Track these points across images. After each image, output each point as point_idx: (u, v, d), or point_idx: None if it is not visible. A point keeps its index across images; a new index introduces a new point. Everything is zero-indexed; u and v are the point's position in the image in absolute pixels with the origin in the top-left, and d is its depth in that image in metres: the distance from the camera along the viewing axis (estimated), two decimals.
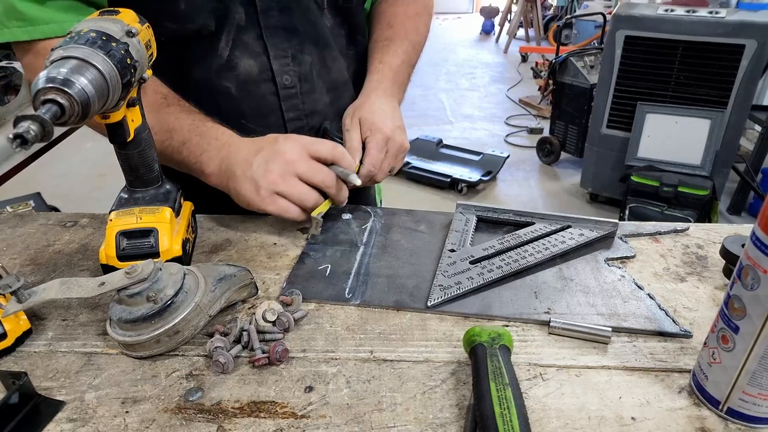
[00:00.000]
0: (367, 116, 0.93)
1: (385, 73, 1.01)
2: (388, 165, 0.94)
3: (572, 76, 3.86)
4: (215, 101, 0.92)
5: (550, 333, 0.66)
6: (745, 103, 2.91)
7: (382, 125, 0.92)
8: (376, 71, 1.01)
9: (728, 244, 0.73)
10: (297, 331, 0.67)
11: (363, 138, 0.92)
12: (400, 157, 0.97)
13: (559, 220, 0.87)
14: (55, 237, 0.88)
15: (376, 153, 0.91)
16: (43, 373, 0.60)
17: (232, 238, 0.87)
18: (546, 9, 8.64)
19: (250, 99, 0.93)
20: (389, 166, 0.95)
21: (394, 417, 0.55)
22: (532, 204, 3.71)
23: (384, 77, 1.00)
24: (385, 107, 0.95)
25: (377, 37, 1.06)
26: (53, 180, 3.79)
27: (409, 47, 1.05)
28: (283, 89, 0.93)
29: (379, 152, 0.91)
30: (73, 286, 0.62)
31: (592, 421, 0.54)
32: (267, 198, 0.80)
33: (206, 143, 0.84)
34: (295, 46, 0.92)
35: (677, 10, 2.96)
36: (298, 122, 0.97)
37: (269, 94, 0.93)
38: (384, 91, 0.98)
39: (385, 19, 1.07)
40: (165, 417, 0.55)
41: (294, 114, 0.96)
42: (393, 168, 0.96)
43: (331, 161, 0.83)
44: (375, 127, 0.92)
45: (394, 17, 1.06)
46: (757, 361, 0.50)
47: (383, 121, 0.93)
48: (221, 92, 0.91)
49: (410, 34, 1.06)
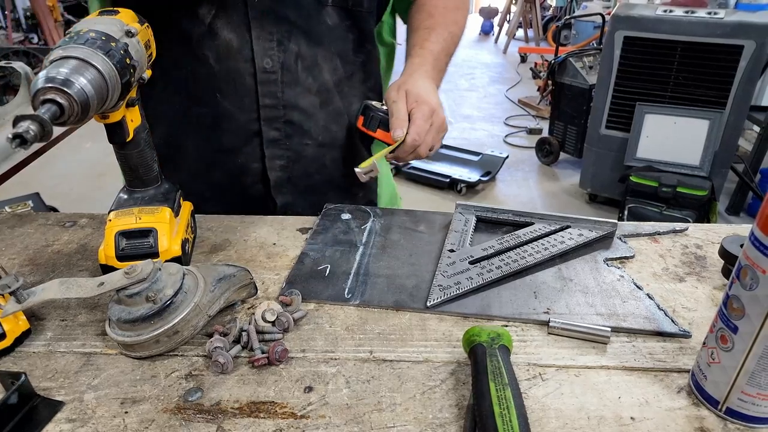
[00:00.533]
0: (412, 89, 0.93)
1: (425, 57, 1.01)
2: (432, 139, 0.93)
3: (571, 76, 3.86)
4: (194, 69, 0.91)
5: (549, 333, 0.66)
6: (743, 103, 2.91)
7: (428, 98, 0.92)
8: (417, 55, 1.01)
9: (727, 245, 0.73)
10: (296, 331, 0.67)
11: (408, 109, 0.91)
12: (442, 135, 0.96)
13: (559, 221, 0.87)
14: (54, 237, 0.88)
15: (422, 123, 0.90)
16: (42, 373, 0.60)
17: (231, 238, 0.87)
18: (545, 9, 8.65)
19: (227, 74, 0.92)
20: (432, 141, 0.94)
21: (393, 417, 0.54)
22: (531, 204, 3.71)
23: (425, 61, 1.00)
24: (428, 85, 0.96)
25: (417, 26, 1.06)
26: (52, 180, 3.79)
27: (449, 37, 1.06)
28: (261, 72, 0.92)
29: (425, 122, 0.91)
30: (72, 287, 0.62)
31: (591, 421, 0.54)
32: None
33: None
34: (282, 32, 0.91)
35: (676, 11, 2.96)
36: (274, 111, 0.95)
37: (247, 74, 0.92)
38: (425, 72, 0.98)
39: (425, 9, 1.07)
40: (164, 417, 0.55)
41: (270, 101, 0.94)
42: (433, 147, 0.95)
43: None
44: (421, 99, 0.91)
45: (435, 8, 1.07)
46: (756, 361, 0.50)
47: (429, 95, 0.93)
48: (200, 60, 0.90)
49: (450, 26, 1.06)
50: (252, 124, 0.95)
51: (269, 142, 0.96)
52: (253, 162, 0.97)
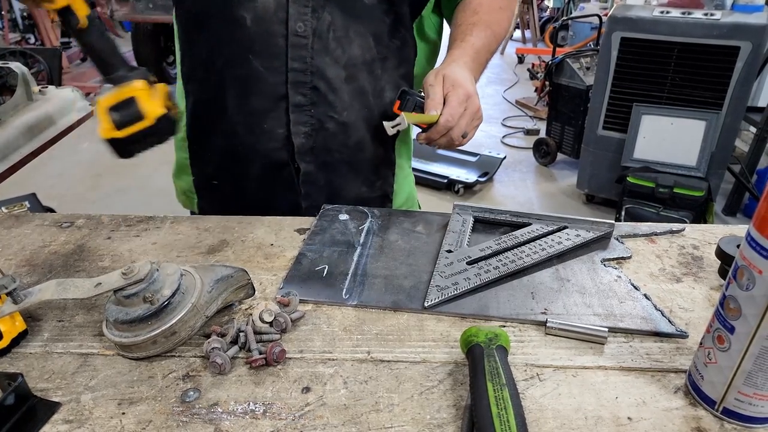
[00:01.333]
0: (449, 74, 0.95)
1: (466, 50, 1.02)
2: (465, 123, 0.95)
3: (568, 77, 3.87)
4: (230, 29, 0.94)
5: (546, 333, 0.66)
6: (740, 104, 2.92)
7: (464, 83, 0.94)
8: (458, 47, 1.03)
9: (724, 245, 0.74)
10: (294, 331, 0.67)
11: (445, 94, 0.93)
12: (476, 123, 0.98)
13: (556, 221, 0.87)
14: (51, 238, 0.87)
15: (456, 105, 0.92)
16: (39, 374, 0.60)
17: (229, 239, 0.87)
18: (542, 11, 8.66)
19: (261, 35, 0.94)
20: (466, 126, 0.95)
21: (391, 417, 0.55)
22: (529, 205, 3.72)
23: (465, 53, 1.01)
24: (466, 74, 0.97)
25: (461, 21, 1.07)
26: (49, 181, 3.78)
27: (491, 35, 1.07)
28: (293, 35, 0.93)
29: (459, 105, 0.92)
30: (69, 287, 0.62)
31: (588, 422, 0.54)
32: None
33: None
34: (318, 1, 0.93)
35: (672, 12, 2.97)
36: (301, 75, 0.96)
37: (280, 35, 0.94)
38: (465, 63, 1.00)
39: (471, 7, 1.08)
40: (162, 418, 0.55)
41: (299, 65, 0.95)
42: (466, 134, 0.97)
43: None
44: (457, 83, 0.93)
45: (480, 6, 1.08)
46: (753, 361, 0.50)
47: (465, 82, 0.94)
48: (237, 21, 0.93)
49: (493, 25, 1.08)
50: (280, 88, 0.96)
51: (294, 107, 0.97)
52: (279, 127, 0.98)
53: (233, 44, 0.94)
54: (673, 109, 3.03)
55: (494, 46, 1.09)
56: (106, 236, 0.88)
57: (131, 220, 0.93)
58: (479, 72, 1.05)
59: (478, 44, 1.03)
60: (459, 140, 0.96)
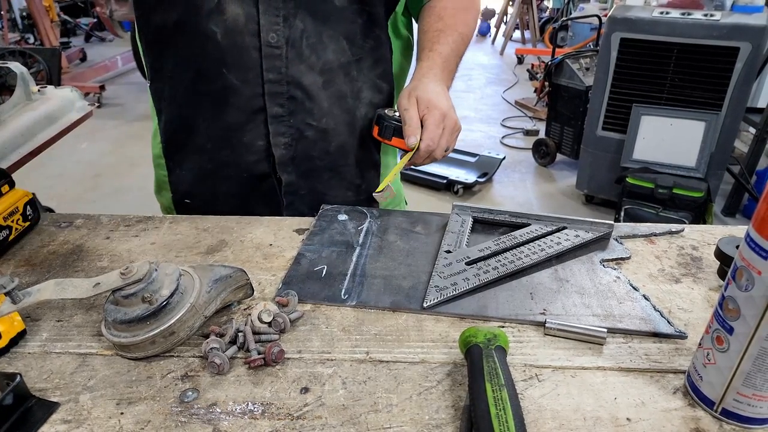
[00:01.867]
0: (423, 95, 0.95)
1: (435, 60, 1.02)
2: (446, 142, 0.96)
3: (568, 78, 3.87)
4: (201, 44, 0.92)
5: (545, 334, 0.66)
6: (739, 105, 2.92)
7: (438, 103, 0.94)
8: (427, 58, 1.03)
9: (723, 246, 0.74)
10: (293, 332, 0.67)
11: (420, 116, 0.94)
12: (455, 136, 0.99)
13: (555, 222, 0.87)
14: (50, 238, 0.87)
15: (434, 128, 0.93)
16: (38, 374, 0.60)
17: (227, 239, 0.87)
18: (542, 11, 8.67)
19: (233, 49, 0.93)
20: (446, 144, 0.96)
21: (390, 418, 0.54)
22: (528, 205, 3.72)
23: (434, 64, 1.02)
24: (438, 88, 0.97)
25: (427, 28, 1.07)
26: (48, 181, 3.78)
27: (458, 38, 1.07)
28: (266, 46, 0.93)
29: (437, 127, 0.93)
30: (67, 287, 0.62)
31: (587, 422, 0.54)
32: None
33: None
34: (289, 8, 0.92)
35: (672, 13, 2.97)
36: (278, 86, 0.95)
37: (252, 48, 0.93)
38: (435, 75, 1.00)
39: (435, 12, 1.08)
40: (160, 418, 0.55)
41: (274, 76, 0.94)
42: (448, 147, 0.98)
43: None
44: (432, 104, 0.94)
45: (444, 10, 1.08)
46: (752, 362, 0.50)
47: (438, 100, 0.95)
48: (208, 36, 0.92)
49: (459, 27, 1.08)
50: (256, 100, 0.95)
51: (273, 118, 0.97)
52: (258, 139, 0.98)
53: (205, 59, 0.93)
54: (672, 110, 3.03)
55: (462, 49, 1.09)
56: (104, 236, 0.88)
57: (130, 220, 0.93)
58: (450, 79, 1.06)
59: (446, 51, 1.04)
60: (442, 156, 0.97)
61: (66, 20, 8.07)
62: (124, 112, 5.39)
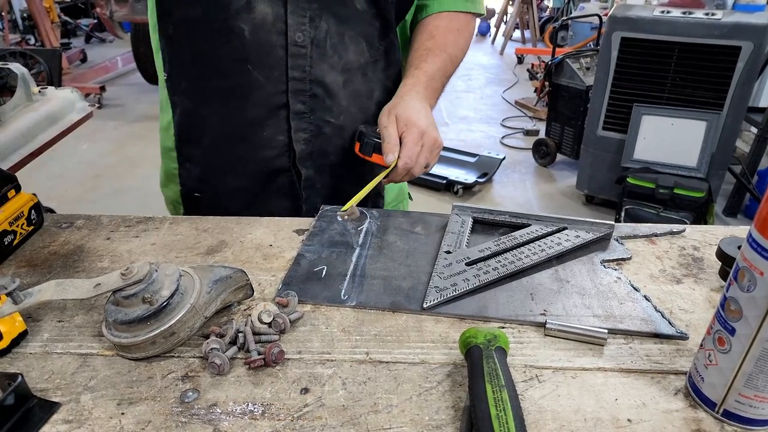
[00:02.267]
0: (402, 113, 0.96)
1: (419, 78, 1.03)
2: (425, 159, 0.97)
3: (568, 77, 3.86)
4: (228, 40, 0.94)
5: (546, 335, 0.66)
6: (741, 104, 2.92)
7: (417, 120, 0.95)
8: (411, 76, 1.04)
9: (724, 246, 0.73)
10: (293, 332, 0.66)
11: (399, 133, 0.95)
12: (435, 152, 0.99)
13: (555, 222, 0.87)
14: (51, 238, 0.87)
15: (412, 146, 0.94)
16: (39, 374, 0.60)
17: (227, 239, 0.87)
18: (542, 11, 8.66)
19: (260, 45, 0.94)
20: (425, 160, 0.97)
21: (389, 419, 0.54)
22: (528, 206, 3.72)
23: (418, 81, 1.03)
24: (418, 106, 0.98)
25: (417, 46, 1.08)
26: (48, 181, 3.78)
27: (447, 59, 1.08)
28: (293, 45, 0.95)
29: (415, 145, 0.94)
30: (68, 288, 0.62)
31: (588, 423, 0.54)
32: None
33: None
34: (314, 9, 0.94)
35: (673, 12, 2.97)
36: (300, 84, 0.97)
37: (279, 46, 0.95)
38: (417, 93, 1.01)
39: (427, 30, 1.09)
40: (161, 418, 0.55)
41: (298, 74, 0.97)
42: (429, 164, 0.99)
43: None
44: (410, 122, 0.95)
45: (437, 29, 1.09)
46: (753, 363, 0.50)
47: (418, 117, 0.96)
48: (235, 32, 0.93)
49: (449, 48, 1.09)
50: (279, 97, 0.97)
51: (295, 114, 0.99)
52: (279, 134, 1.00)
53: (230, 55, 0.94)
54: (673, 110, 3.03)
55: (451, 70, 1.10)
56: (105, 237, 0.88)
57: (130, 220, 0.93)
58: (435, 97, 1.07)
59: (432, 70, 1.05)
60: (420, 173, 0.98)
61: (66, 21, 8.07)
62: (125, 113, 5.40)
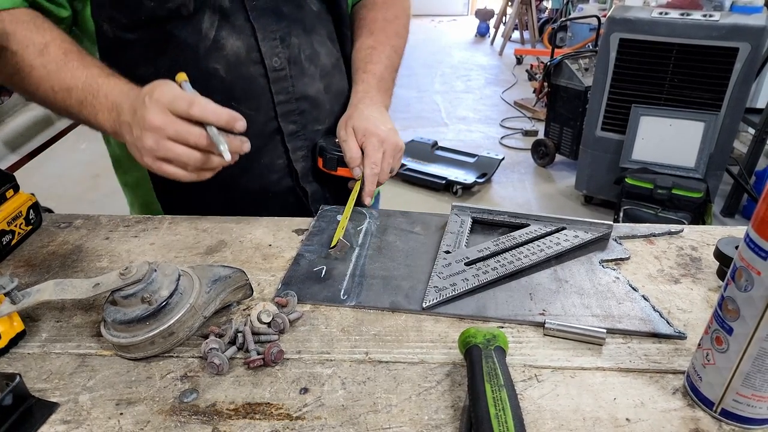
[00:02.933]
0: (358, 124, 0.96)
1: (369, 82, 1.03)
2: (388, 165, 0.97)
3: (567, 78, 3.86)
4: (206, 83, 0.90)
5: (545, 334, 0.66)
6: (738, 105, 2.92)
7: (375, 129, 0.95)
8: (361, 81, 1.04)
9: (722, 246, 0.74)
10: (292, 332, 0.67)
11: (359, 144, 0.95)
12: (398, 156, 1.00)
13: (554, 222, 0.87)
14: (50, 238, 0.87)
15: (374, 154, 0.94)
16: (37, 374, 0.60)
17: (227, 239, 0.87)
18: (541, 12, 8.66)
19: (239, 81, 0.92)
20: (389, 166, 0.97)
21: (389, 418, 0.54)
22: (527, 206, 3.71)
23: (369, 87, 1.03)
24: (375, 113, 0.98)
25: (360, 45, 1.09)
26: (47, 181, 3.78)
27: (392, 52, 1.08)
28: (272, 71, 0.94)
29: (378, 152, 0.94)
30: (67, 288, 0.62)
31: (587, 423, 0.54)
32: (153, 164, 0.78)
33: (98, 103, 0.81)
34: (283, 28, 0.93)
35: (671, 13, 2.97)
36: (288, 105, 0.97)
37: (259, 76, 0.93)
38: (371, 99, 1.01)
39: (365, 25, 1.10)
40: (159, 419, 0.55)
41: (284, 97, 0.96)
42: (393, 168, 0.99)
43: (193, 118, 0.76)
44: (369, 132, 0.95)
45: (374, 23, 1.09)
46: (751, 363, 0.50)
47: (375, 126, 0.96)
48: (211, 74, 0.91)
49: (391, 39, 1.09)
50: (270, 123, 0.97)
51: (290, 135, 0.99)
52: (277, 158, 0.99)
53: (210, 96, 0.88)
54: (671, 111, 3.03)
55: (397, 61, 1.11)
56: (104, 237, 0.88)
57: (129, 220, 0.93)
58: (388, 96, 1.07)
59: (380, 70, 1.05)
60: (387, 178, 0.98)
61: None
62: None
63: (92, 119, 0.83)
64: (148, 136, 0.76)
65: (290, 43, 0.94)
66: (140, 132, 0.76)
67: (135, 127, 0.77)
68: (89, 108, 0.82)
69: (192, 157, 0.77)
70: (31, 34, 0.82)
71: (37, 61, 0.82)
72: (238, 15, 0.89)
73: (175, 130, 0.75)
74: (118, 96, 0.81)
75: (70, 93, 0.82)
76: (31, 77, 0.83)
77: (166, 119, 0.75)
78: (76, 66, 0.83)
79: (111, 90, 0.81)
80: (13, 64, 0.82)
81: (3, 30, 0.81)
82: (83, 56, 0.85)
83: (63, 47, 0.84)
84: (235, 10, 0.89)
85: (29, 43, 0.82)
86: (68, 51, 0.84)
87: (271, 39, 0.92)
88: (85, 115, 0.83)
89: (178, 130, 0.75)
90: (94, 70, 0.83)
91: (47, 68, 0.82)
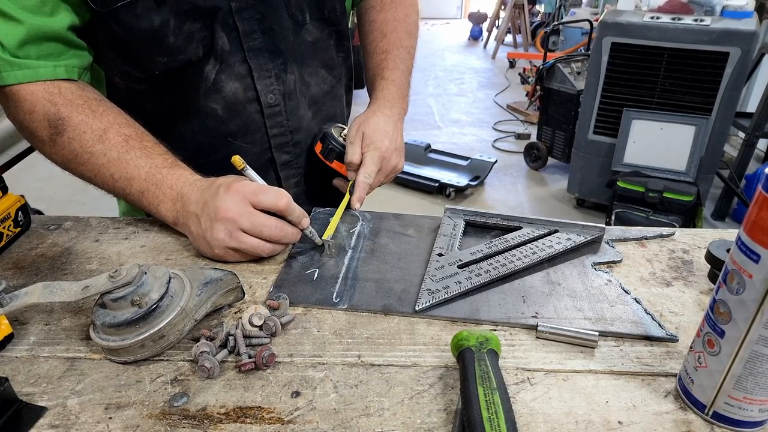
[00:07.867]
0: (369, 133, 0.96)
1: (389, 89, 1.04)
2: (378, 182, 0.98)
3: (559, 82, 3.89)
4: (203, 122, 0.93)
5: (537, 337, 0.66)
6: (729, 109, 2.94)
7: (380, 144, 0.96)
8: (381, 88, 1.05)
9: (713, 249, 0.74)
10: (284, 335, 0.66)
11: (362, 152, 0.96)
12: (390, 176, 1.01)
13: (547, 225, 0.87)
14: (39, 240, 0.86)
15: (371, 165, 0.94)
16: (25, 378, 0.59)
17: None
18: (533, 15, 8.70)
19: (236, 118, 0.94)
20: (379, 183, 0.99)
21: (381, 422, 0.54)
22: (520, 209, 3.73)
23: (388, 93, 1.03)
24: (387, 127, 0.99)
25: (373, 48, 1.08)
26: (37, 183, 3.75)
27: (405, 54, 1.08)
28: (267, 108, 0.95)
29: (374, 165, 0.95)
30: (56, 290, 0.61)
31: (579, 426, 0.54)
32: (222, 254, 0.78)
33: (162, 194, 0.81)
34: (278, 65, 0.94)
35: (663, 18, 2.99)
36: (282, 138, 0.99)
37: (254, 113, 0.95)
38: (390, 108, 1.02)
39: (377, 27, 1.09)
40: (149, 423, 0.54)
41: (278, 130, 0.98)
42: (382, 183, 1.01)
43: (276, 212, 0.78)
44: (374, 145, 0.95)
45: (386, 24, 1.09)
46: (743, 365, 0.50)
47: (382, 141, 0.96)
48: (209, 113, 0.92)
49: (404, 40, 1.09)
50: (264, 154, 0.98)
51: (282, 165, 1.01)
52: None
53: (206, 134, 0.92)
54: (662, 114, 3.05)
55: (411, 63, 1.11)
56: (94, 239, 0.87)
57: (120, 222, 0.92)
58: (406, 101, 1.08)
59: (397, 75, 1.06)
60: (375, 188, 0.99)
61: None
62: None
63: (153, 209, 0.83)
64: (219, 228, 0.75)
65: (285, 79, 0.95)
66: (210, 223, 0.76)
67: (204, 218, 0.76)
68: (151, 198, 0.82)
69: (265, 247, 0.78)
70: (88, 119, 0.81)
71: (96, 147, 0.81)
72: (236, 55, 0.90)
73: (252, 222, 0.75)
74: (184, 186, 0.81)
75: (131, 182, 0.81)
76: (90, 164, 0.82)
77: (242, 210, 0.75)
78: (139, 155, 0.82)
79: (176, 181, 0.81)
80: (70, 149, 0.81)
81: (57, 115, 0.80)
82: (144, 141, 0.84)
83: (122, 132, 0.82)
84: (234, 51, 0.89)
85: (86, 128, 0.80)
86: (128, 137, 0.82)
87: (266, 77, 0.93)
88: (145, 204, 0.83)
89: (254, 222, 0.75)
90: (157, 160, 0.82)
91: (107, 156, 0.80)
